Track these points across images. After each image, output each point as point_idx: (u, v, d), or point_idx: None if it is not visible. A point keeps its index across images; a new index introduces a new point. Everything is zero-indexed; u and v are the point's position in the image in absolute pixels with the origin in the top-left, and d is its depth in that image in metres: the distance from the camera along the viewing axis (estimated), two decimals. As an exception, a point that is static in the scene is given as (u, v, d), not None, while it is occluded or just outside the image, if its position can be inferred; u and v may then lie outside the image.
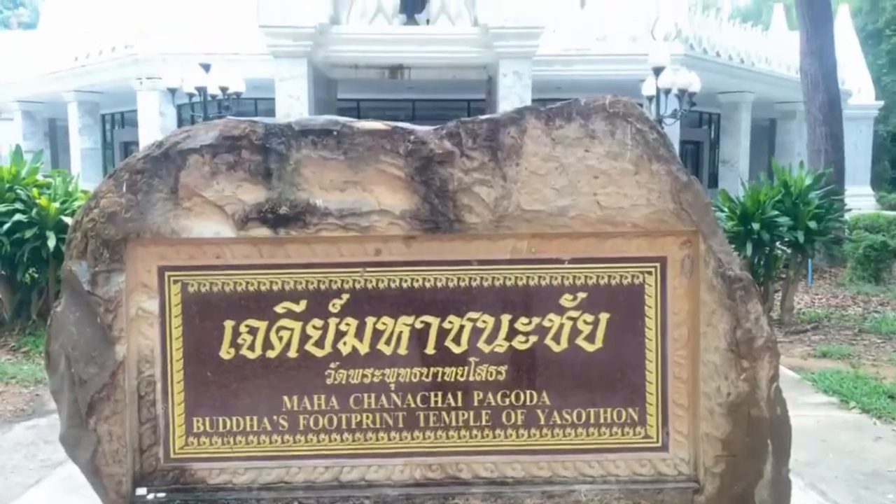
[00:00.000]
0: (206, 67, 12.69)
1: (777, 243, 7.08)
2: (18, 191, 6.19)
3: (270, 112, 13.79)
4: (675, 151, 2.37)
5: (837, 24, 17.99)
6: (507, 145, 2.33)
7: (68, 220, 5.95)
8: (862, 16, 26.93)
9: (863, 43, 24.60)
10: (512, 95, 13.00)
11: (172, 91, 13.09)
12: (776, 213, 6.80)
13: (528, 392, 2.42)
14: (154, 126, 15.51)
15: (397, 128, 2.36)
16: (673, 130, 13.95)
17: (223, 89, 12.82)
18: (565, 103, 2.37)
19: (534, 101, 13.27)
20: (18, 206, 6.10)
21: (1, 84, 19.57)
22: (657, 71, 11.87)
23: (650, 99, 12.46)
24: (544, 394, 2.42)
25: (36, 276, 6.50)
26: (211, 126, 2.35)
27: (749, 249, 6.78)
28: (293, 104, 12.82)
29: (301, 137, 2.31)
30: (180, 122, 16.14)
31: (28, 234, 5.99)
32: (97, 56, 16.26)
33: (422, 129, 2.38)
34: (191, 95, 12.93)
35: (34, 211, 6.07)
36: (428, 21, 14.45)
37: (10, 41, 21.07)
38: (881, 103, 24.03)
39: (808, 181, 7.04)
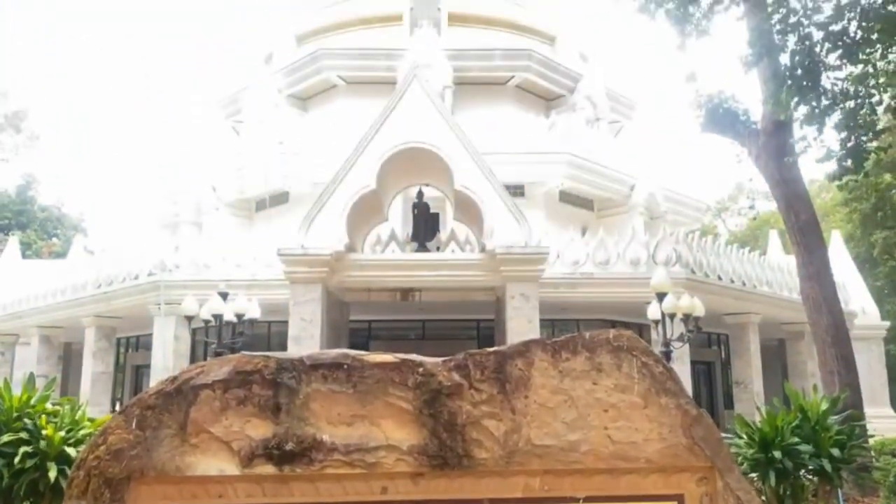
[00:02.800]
0: (224, 296, 13.14)
1: (802, 472, 6.78)
2: (26, 420, 6.14)
3: (283, 334, 14.02)
4: (682, 384, 2.38)
5: (832, 248, 18.77)
6: (514, 377, 2.36)
7: (71, 451, 5.83)
8: (854, 242, 28.04)
9: (860, 267, 25.34)
10: (520, 316, 13.23)
11: (189, 318, 13.45)
12: (796, 440, 6.59)
13: None
14: (168, 350, 15.74)
15: (406, 360, 2.40)
16: (682, 352, 14.00)
17: (239, 316, 13.16)
18: (570, 337, 2.43)
19: (541, 320, 13.53)
20: (24, 435, 6.01)
21: (25, 311, 20.21)
22: (660, 296, 12.17)
23: (656, 323, 12.64)
24: None
25: (28, 509, 6.22)
26: (225, 361, 2.40)
27: (773, 479, 6.49)
28: (306, 327, 13.08)
29: (312, 371, 2.35)
30: (194, 346, 16.39)
31: (28, 464, 5.84)
32: (120, 283, 16.95)
33: (430, 360, 2.42)
34: (207, 321, 13.25)
35: (40, 441, 5.97)
36: (438, 248, 15.21)
37: (38, 270, 22.11)
38: (888, 323, 24.21)
39: (824, 406, 6.90)
